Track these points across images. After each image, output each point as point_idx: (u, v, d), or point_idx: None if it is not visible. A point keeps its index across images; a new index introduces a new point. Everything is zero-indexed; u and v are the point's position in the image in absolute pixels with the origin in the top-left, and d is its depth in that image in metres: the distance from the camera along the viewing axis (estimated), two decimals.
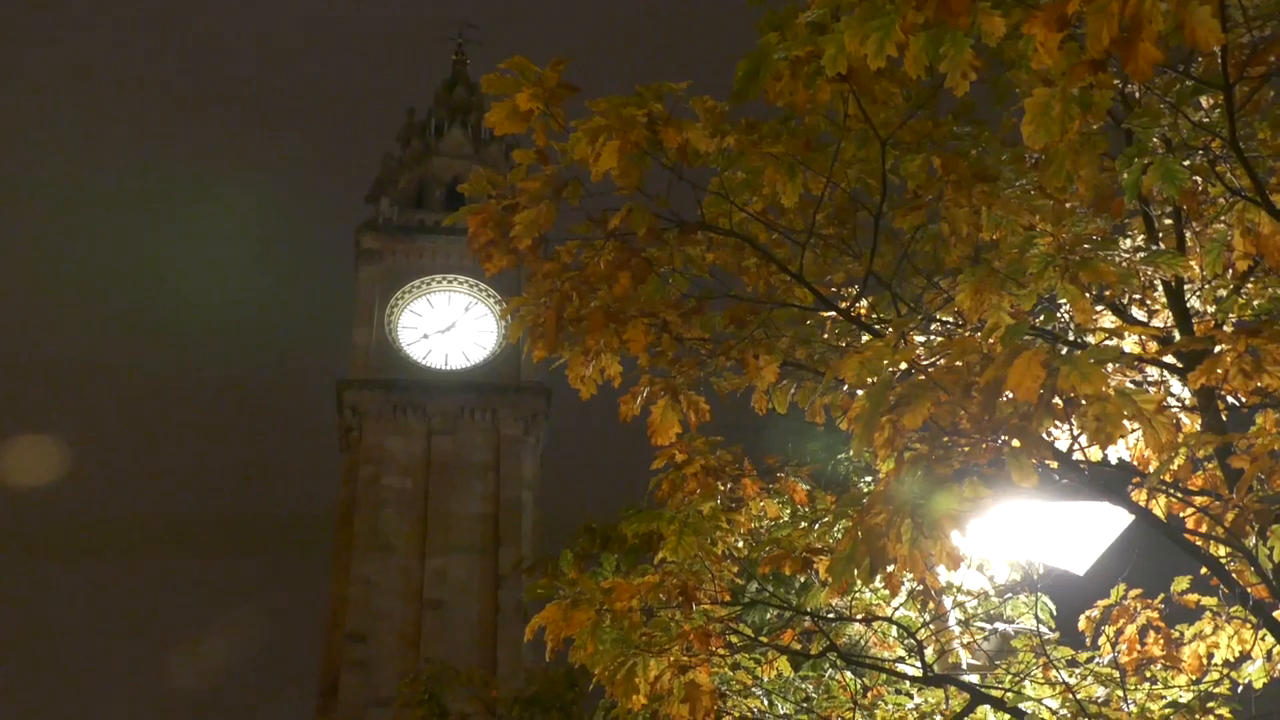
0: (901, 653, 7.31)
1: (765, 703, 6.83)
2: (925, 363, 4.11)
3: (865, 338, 5.66)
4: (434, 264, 35.17)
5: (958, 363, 3.81)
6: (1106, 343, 5.12)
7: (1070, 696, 5.89)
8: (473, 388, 33.46)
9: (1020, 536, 6.08)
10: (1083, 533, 6.01)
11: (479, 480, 32.41)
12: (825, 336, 6.20)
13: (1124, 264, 5.08)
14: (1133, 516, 5.74)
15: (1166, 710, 5.96)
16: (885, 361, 3.92)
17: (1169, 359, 5.84)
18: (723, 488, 6.28)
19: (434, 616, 30.47)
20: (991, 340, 3.94)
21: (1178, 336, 5.80)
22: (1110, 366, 3.74)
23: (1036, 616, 7.10)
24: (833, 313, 5.96)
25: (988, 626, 7.44)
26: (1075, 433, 4.42)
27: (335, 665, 29.96)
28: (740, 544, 6.17)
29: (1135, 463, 6.38)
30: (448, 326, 34.47)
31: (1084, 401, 3.63)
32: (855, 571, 4.21)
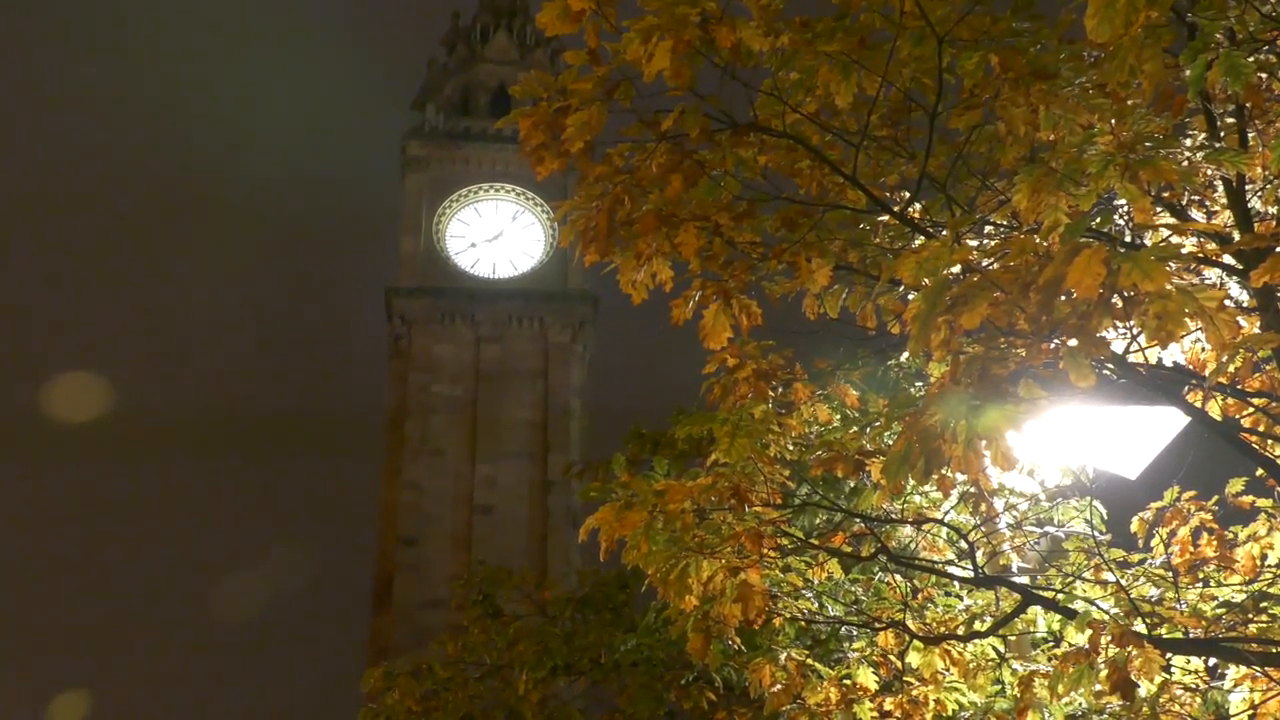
0: (951, 556, 7.35)
1: (816, 604, 6.90)
2: (983, 262, 4.08)
3: (919, 240, 5.60)
4: (481, 172, 35.09)
5: (1015, 262, 3.77)
6: (1167, 241, 5.04)
7: (1123, 596, 5.91)
8: (520, 295, 33.58)
9: (1073, 440, 6.07)
10: (1136, 436, 5.99)
11: (527, 387, 32.67)
12: (878, 240, 6.14)
13: (1185, 162, 4.97)
14: (1187, 419, 5.71)
15: (1219, 610, 5.97)
16: (942, 261, 3.88)
17: (1228, 260, 5.75)
18: (774, 392, 6.28)
19: (484, 521, 30.96)
20: (1050, 239, 3.89)
21: (1237, 237, 5.71)
22: (1170, 265, 3.68)
23: (1089, 521, 7.11)
24: (886, 215, 5.89)
25: (1038, 530, 7.45)
26: (1134, 332, 4.39)
27: (389, 568, 30.59)
28: (791, 447, 6.19)
29: (1191, 366, 6.32)
30: (495, 235, 34.49)
31: (1145, 299, 3.59)
32: (909, 472, 4.23)
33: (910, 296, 5.32)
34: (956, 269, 4.14)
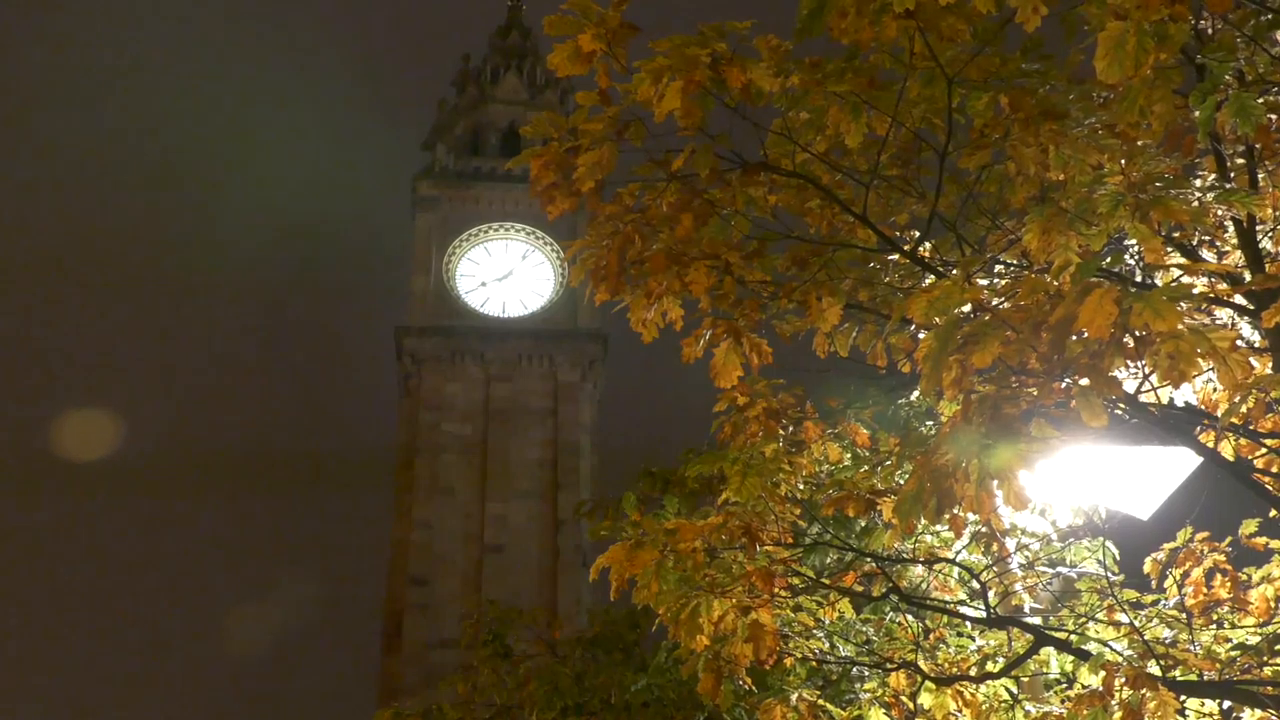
0: (963, 596, 7.31)
1: (827, 644, 6.86)
2: (994, 302, 4.08)
3: (929, 279, 5.61)
4: (491, 211, 35.26)
5: (1026, 301, 3.77)
6: (1178, 281, 5.03)
7: (1136, 638, 5.87)
8: (530, 334, 33.64)
9: (1085, 481, 6.04)
10: (1148, 477, 5.96)
11: (537, 426, 32.66)
12: (888, 279, 6.15)
13: (1196, 203, 4.98)
14: (1199, 461, 5.68)
15: (1234, 653, 5.92)
16: (953, 300, 3.88)
17: (1239, 300, 5.75)
18: (785, 431, 6.28)
19: (494, 560, 30.87)
20: (1061, 279, 3.89)
21: (1248, 277, 5.71)
22: (1182, 305, 3.69)
23: (1100, 561, 7.07)
24: (896, 254, 5.91)
25: (1050, 570, 7.41)
26: (1146, 372, 4.38)
27: (399, 608, 30.49)
28: (802, 486, 6.18)
29: (1203, 406, 6.30)
30: (505, 274, 34.60)
31: (1156, 339, 3.59)
32: (921, 512, 4.21)
33: (921, 335, 5.32)
34: (967, 308, 4.14)
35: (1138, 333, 3.72)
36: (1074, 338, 3.74)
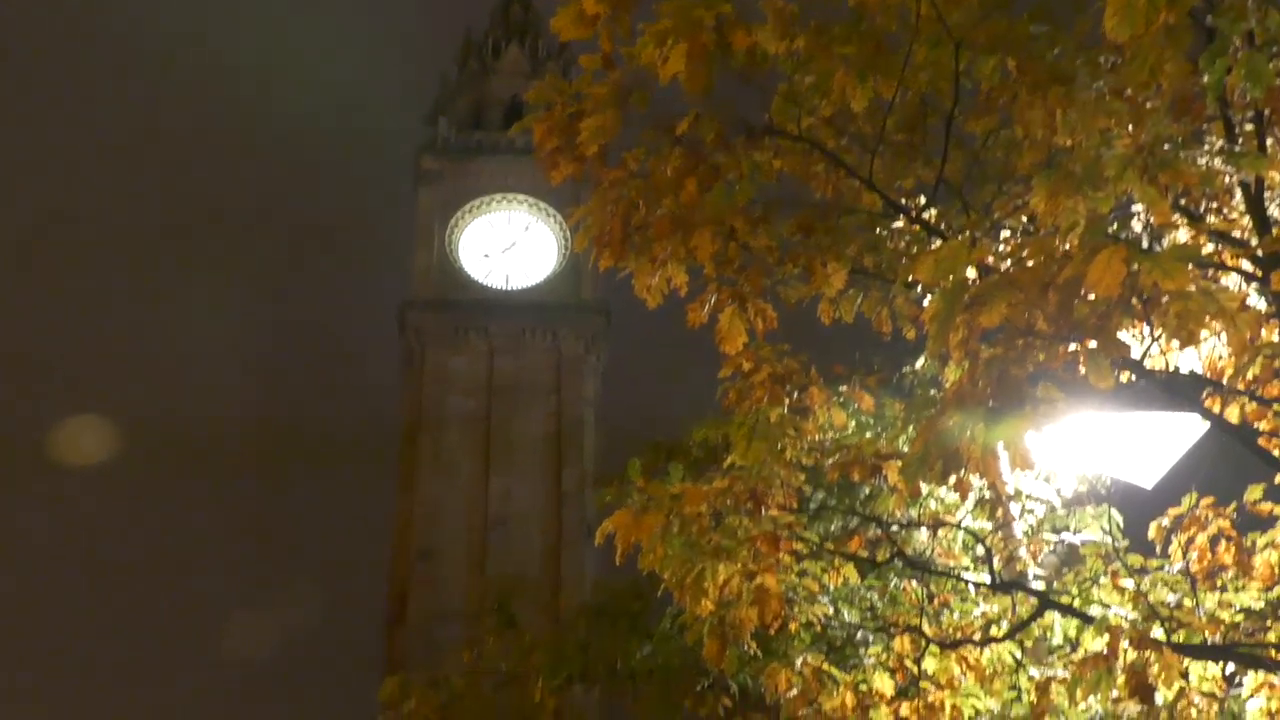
0: (967, 563, 7.33)
1: (832, 610, 6.88)
2: (1002, 264, 4.07)
3: (936, 244, 5.60)
4: (493, 184, 35.13)
5: (1034, 262, 3.76)
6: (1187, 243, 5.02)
7: (1140, 602, 5.88)
8: (533, 308, 33.57)
9: (1089, 449, 6.04)
10: (1152, 446, 5.96)
11: (541, 400, 32.66)
12: (894, 245, 6.13)
13: (1205, 165, 4.95)
14: (1203, 430, 5.68)
15: (1237, 617, 5.93)
16: (960, 261, 3.87)
17: (1246, 265, 5.73)
18: (790, 397, 6.28)
19: (499, 535, 30.91)
20: (1069, 241, 3.88)
21: (1255, 242, 5.69)
22: (1190, 268, 3.67)
23: (1105, 529, 7.08)
24: (902, 220, 5.89)
25: (1054, 538, 7.43)
26: (1154, 333, 4.37)
27: (403, 582, 30.57)
28: (808, 452, 6.18)
29: (1208, 374, 6.29)
30: (508, 246, 34.52)
31: (1165, 300, 3.58)
32: (927, 475, 4.21)
33: (927, 300, 5.31)
34: (973, 273, 4.13)
35: (1145, 294, 3.71)
36: (1081, 299, 3.72)
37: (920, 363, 7.87)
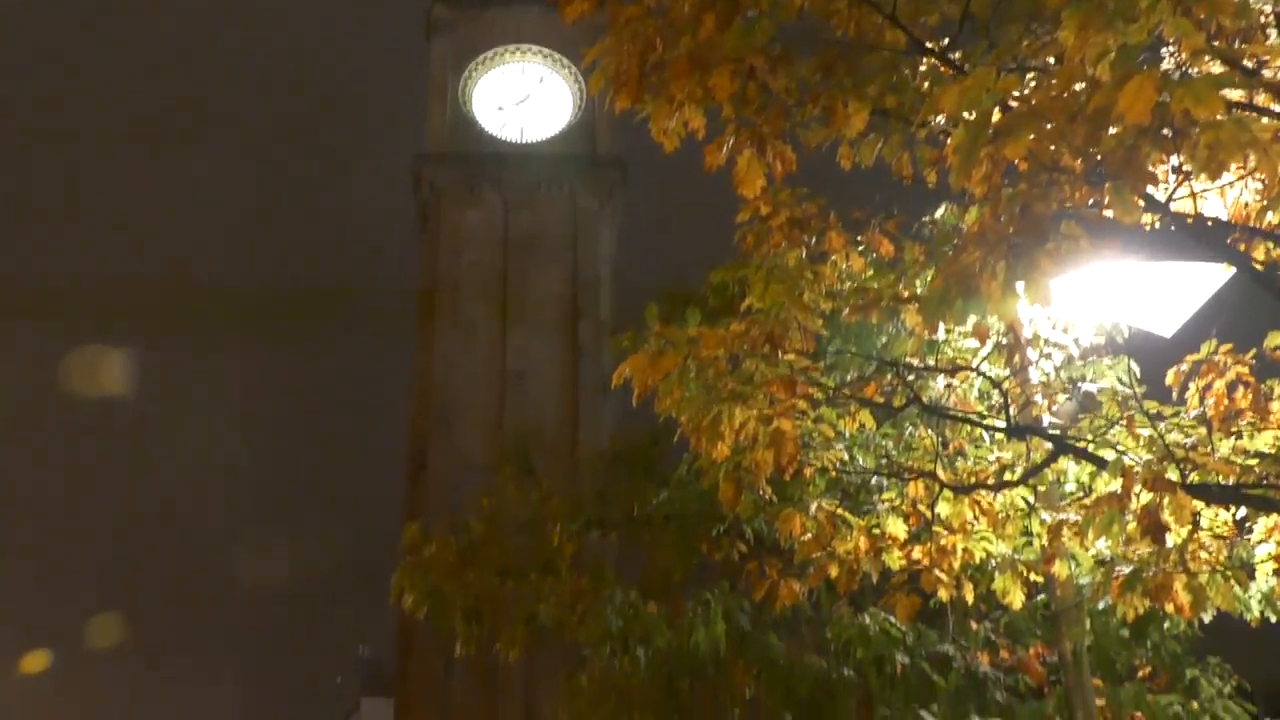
0: (983, 411, 7.33)
1: (846, 455, 6.92)
2: (1030, 100, 3.96)
3: None
4: (507, 34, 34.43)
5: (1063, 90, 3.66)
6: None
7: (1157, 444, 5.88)
8: (549, 160, 33.20)
9: (1110, 297, 5.98)
10: (1173, 294, 5.90)
11: (557, 255, 32.54)
12: (916, 84, 5.98)
13: None
14: (1224, 279, 5.61)
15: (1252, 461, 5.94)
16: (985, 92, 3.76)
17: (1278, 108, 5.58)
18: (808, 242, 6.20)
19: (516, 389, 31.12)
20: (1099, 70, 3.76)
21: None
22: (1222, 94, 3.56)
23: (1121, 380, 7.06)
24: (926, 58, 5.72)
25: (1072, 385, 7.41)
26: (1183, 170, 4.28)
27: (423, 437, 30.93)
28: (825, 297, 6.13)
29: (1233, 222, 6.19)
30: (523, 98, 33.99)
31: (1195, 131, 3.49)
32: (946, 313, 4.18)
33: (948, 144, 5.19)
34: (998, 114, 4.02)
35: (1176, 126, 3.61)
36: (1110, 130, 3.63)
37: (940, 212, 7.75)
